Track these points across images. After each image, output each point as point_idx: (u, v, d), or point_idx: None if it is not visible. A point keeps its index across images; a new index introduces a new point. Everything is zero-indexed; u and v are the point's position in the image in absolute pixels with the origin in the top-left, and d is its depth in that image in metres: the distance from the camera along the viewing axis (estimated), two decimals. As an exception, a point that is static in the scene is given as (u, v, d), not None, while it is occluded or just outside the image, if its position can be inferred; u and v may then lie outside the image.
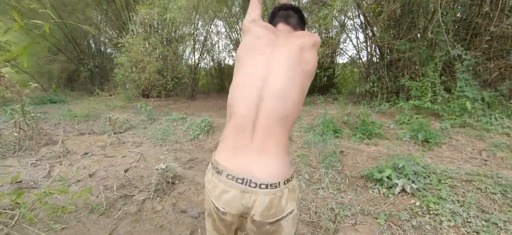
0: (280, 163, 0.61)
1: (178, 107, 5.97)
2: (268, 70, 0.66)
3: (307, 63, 0.71)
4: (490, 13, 3.26)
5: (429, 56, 3.56)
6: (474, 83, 3.16)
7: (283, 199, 0.59)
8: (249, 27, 0.81)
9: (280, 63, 0.67)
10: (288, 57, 0.69)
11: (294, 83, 0.66)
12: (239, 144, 0.62)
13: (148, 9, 5.84)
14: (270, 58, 0.68)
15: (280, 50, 0.70)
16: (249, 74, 0.68)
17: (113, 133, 3.81)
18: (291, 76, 0.66)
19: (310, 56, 0.72)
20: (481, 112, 2.97)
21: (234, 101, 0.67)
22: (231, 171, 0.59)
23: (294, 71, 0.67)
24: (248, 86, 0.66)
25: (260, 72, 0.67)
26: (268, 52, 0.70)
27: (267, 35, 0.76)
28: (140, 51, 6.06)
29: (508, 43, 3.43)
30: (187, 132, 3.62)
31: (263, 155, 0.60)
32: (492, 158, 2.18)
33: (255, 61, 0.69)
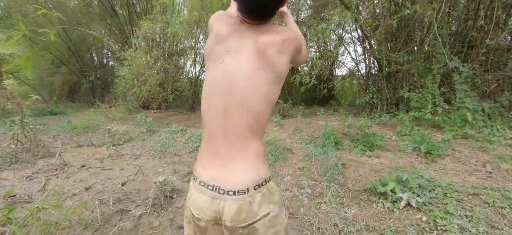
0: (250, 169, 0.61)
1: (178, 119, 5.96)
2: (229, 81, 0.62)
3: (273, 67, 0.63)
4: (485, 27, 3.33)
5: (427, 68, 3.59)
6: (473, 94, 3.17)
7: (254, 204, 0.59)
8: (211, 25, 0.73)
9: (240, 72, 0.62)
10: (249, 65, 0.62)
11: (257, 93, 0.62)
12: (211, 152, 0.64)
13: (150, 23, 5.98)
14: (230, 67, 0.63)
15: (241, 57, 0.63)
16: (212, 86, 0.66)
17: (112, 145, 3.77)
18: (253, 87, 0.62)
19: (278, 59, 0.64)
20: (482, 124, 2.95)
21: (203, 111, 0.68)
22: (203, 178, 0.63)
23: (257, 79, 0.62)
24: (212, 98, 0.65)
25: (221, 85, 0.63)
26: (227, 60, 0.64)
27: (226, 38, 0.67)
28: (141, 64, 6.13)
29: (505, 55, 3.48)
30: (186, 144, 3.58)
31: (232, 163, 0.61)
32: (497, 170, 2.14)
33: (216, 71, 0.65)
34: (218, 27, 0.70)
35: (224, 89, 0.63)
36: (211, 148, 0.64)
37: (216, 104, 0.64)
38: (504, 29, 3.48)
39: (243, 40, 0.65)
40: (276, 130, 3.76)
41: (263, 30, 0.66)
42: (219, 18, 0.73)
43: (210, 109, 0.65)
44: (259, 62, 0.62)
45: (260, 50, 0.63)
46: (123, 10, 7.80)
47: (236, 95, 0.61)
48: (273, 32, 0.66)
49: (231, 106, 0.62)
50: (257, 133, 0.64)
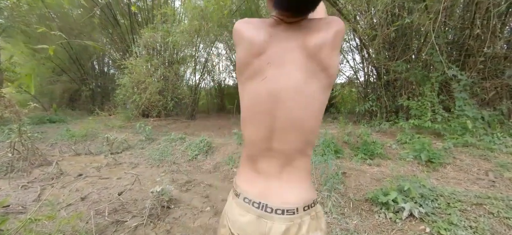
0: (299, 188, 0.57)
1: (178, 127, 5.94)
2: (276, 99, 0.54)
3: (325, 71, 0.53)
4: (482, 36, 3.36)
5: (425, 76, 3.61)
6: (472, 102, 3.17)
7: (303, 227, 0.54)
8: (239, 35, 0.59)
9: (289, 85, 0.53)
10: (299, 74, 0.53)
11: (309, 108, 0.54)
12: (256, 170, 0.60)
13: (151, 32, 6.06)
14: (276, 82, 0.54)
15: (288, 67, 0.53)
16: (255, 107, 0.57)
17: (110, 153, 3.74)
18: (305, 101, 0.53)
19: (328, 59, 0.52)
20: (483, 132, 2.94)
21: (246, 134, 0.61)
22: (248, 195, 0.57)
23: (309, 90, 0.53)
24: (256, 120, 0.57)
25: (266, 104, 0.55)
26: (271, 73, 0.54)
27: (265, 46, 0.55)
28: (142, 72, 6.16)
29: (502, 63, 3.50)
30: (185, 152, 3.55)
31: (280, 180, 0.57)
32: (499, 178, 2.11)
33: (258, 89, 0.56)
34: (250, 35, 0.57)
35: (271, 108, 0.54)
36: (256, 166, 0.59)
37: (262, 126, 0.57)
38: (500, 38, 3.52)
39: (286, 46, 0.54)
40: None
41: (308, 28, 0.55)
42: (248, 24, 0.60)
43: (254, 131, 0.59)
44: (310, 69, 0.53)
45: (311, 54, 0.53)
46: (125, 20, 7.92)
47: (285, 114, 0.54)
48: (321, 28, 0.54)
49: (280, 127, 0.55)
50: (307, 150, 0.58)
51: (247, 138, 0.61)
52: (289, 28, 0.56)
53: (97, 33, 9.16)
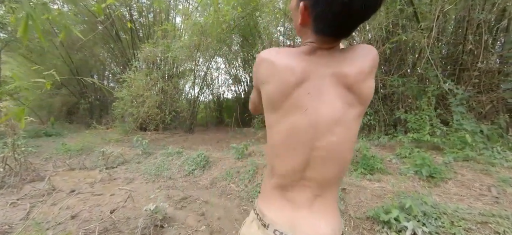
0: (330, 219, 0.56)
1: (176, 141, 5.88)
2: (315, 131, 0.53)
3: (360, 100, 0.53)
4: (474, 51, 3.43)
5: (421, 90, 3.63)
6: (470, 116, 3.17)
7: None
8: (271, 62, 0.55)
9: (328, 117, 0.52)
10: (339, 106, 0.52)
11: (347, 140, 0.53)
12: (286, 198, 0.58)
13: (151, 47, 6.16)
14: (316, 113, 0.52)
15: (327, 99, 0.52)
16: (291, 140, 0.55)
17: (105, 168, 3.66)
18: (343, 132, 0.53)
19: (365, 88, 0.52)
20: (482, 146, 2.91)
21: (279, 165, 0.58)
22: (279, 227, 0.55)
23: (347, 121, 0.52)
24: (291, 150, 0.55)
25: (305, 136, 0.53)
26: (311, 105, 0.52)
27: (302, 77, 0.53)
28: (141, 86, 6.20)
29: (496, 77, 3.55)
30: (182, 167, 3.48)
31: (312, 211, 0.56)
32: (503, 194, 2.06)
33: (297, 121, 0.53)
34: (286, 64, 0.53)
35: (310, 139, 0.53)
36: (287, 194, 0.58)
37: (299, 157, 0.55)
38: (493, 52, 3.59)
39: (324, 73, 0.53)
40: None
41: (344, 56, 0.54)
42: (279, 53, 0.56)
43: (289, 163, 0.56)
44: (348, 98, 0.52)
45: (349, 84, 0.52)
46: (126, 35, 8.08)
47: (325, 145, 0.53)
48: (358, 57, 0.53)
49: (318, 157, 0.54)
50: (339, 181, 0.58)
51: (279, 169, 0.58)
52: (326, 55, 0.55)
53: (98, 48, 9.31)
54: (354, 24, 0.52)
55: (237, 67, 8.77)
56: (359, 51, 0.54)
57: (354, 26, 0.53)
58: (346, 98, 0.52)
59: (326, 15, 0.50)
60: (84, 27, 8.42)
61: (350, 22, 0.51)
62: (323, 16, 0.51)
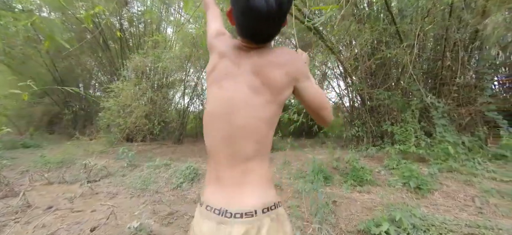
0: (258, 191, 0.60)
1: (163, 152, 5.71)
2: (229, 107, 0.62)
3: (271, 89, 0.62)
4: (452, 67, 3.65)
5: (406, 103, 3.78)
6: (451, 128, 3.31)
7: (263, 229, 0.55)
8: (212, 45, 0.74)
9: (239, 96, 0.61)
10: (247, 88, 0.62)
11: (258, 117, 0.61)
12: (218, 178, 0.62)
13: (142, 57, 6.07)
14: (229, 92, 0.63)
15: (239, 81, 0.63)
16: (212, 112, 0.65)
17: (87, 181, 3.47)
18: (253, 111, 0.61)
19: (275, 80, 0.62)
20: (464, 157, 3.03)
21: (206, 137, 0.67)
22: (210, 203, 0.60)
23: (256, 102, 0.61)
24: (214, 124, 0.65)
25: (221, 111, 0.63)
26: (226, 85, 0.64)
27: (226, 60, 0.66)
28: (129, 96, 6.04)
29: (473, 91, 3.76)
30: (169, 180, 3.36)
31: (239, 187, 0.60)
32: (486, 205, 2.13)
33: (215, 97, 0.65)
34: (220, 46, 0.71)
35: (225, 115, 0.62)
36: (218, 174, 0.63)
37: (218, 131, 0.63)
38: (469, 69, 3.83)
39: (241, 63, 0.64)
40: (265, 164, 3.65)
41: (262, 53, 0.65)
42: (220, 39, 0.74)
43: (213, 136, 0.65)
44: (256, 83, 0.62)
45: (256, 71, 0.62)
46: (116, 44, 7.94)
47: (237, 121, 0.61)
48: (272, 53, 0.65)
49: (234, 132, 0.61)
50: (263, 156, 0.63)
51: (208, 145, 0.66)
52: (248, 52, 0.66)
53: (85, 56, 9.06)
54: (267, 32, 0.64)
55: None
56: (276, 50, 0.66)
57: (268, 33, 0.64)
58: (253, 83, 0.62)
59: (239, 22, 0.63)
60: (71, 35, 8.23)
61: (261, 31, 0.62)
62: (238, 22, 0.64)
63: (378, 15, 3.97)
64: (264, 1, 0.54)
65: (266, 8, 0.55)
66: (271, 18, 0.58)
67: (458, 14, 3.36)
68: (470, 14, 3.31)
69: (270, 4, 0.55)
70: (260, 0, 0.54)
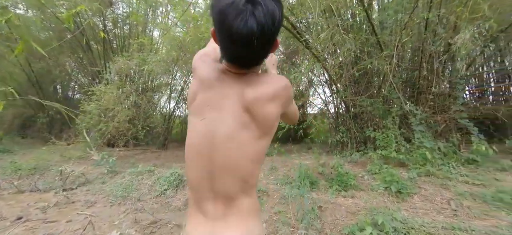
0: (243, 224, 0.57)
1: (147, 158, 5.51)
2: (211, 141, 0.56)
3: (260, 124, 0.56)
4: (428, 77, 3.89)
5: (387, 110, 3.96)
6: (428, 134, 3.51)
7: None
8: (195, 67, 0.67)
9: (223, 130, 0.56)
10: (233, 122, 0.56)
11: (243, 154, 0.56)
12: (201, 212, 0.59)
13: (126, 60, 5.88)
14: (212, 124, 0.57)
15: (225, 113, 0.57)
16: (194, 145, 0.60)
17: (62, 189, 3.26)
18: (238, 147, 0.55)
19: (266, 114, 0.57)
20: (440, 162, 3.21)
21: (187, 169, 0.63)
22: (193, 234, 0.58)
23: (242, 138, 0.56)
24: (195, 158, 0.60)
25: (203, 144, 0.57)
26: (209, 116, 0.57)
27: (209, 88, 0.60)
28: (111, 99, 5.80)
29: (447, 100, 4.03)
30: (153, 187, 3.24)
31: (225, 219, 0.57)
32: (460, 207, 2.25)
33: (197, 129, 0.59)
34: (201, 72, 0.64)
35: (207, 149, 0.57)
36: (201, 208, 0.59)
37: (200, 165, 0.59)
38: (443, 79, 4.10)
39: (227, 94, 0.58)
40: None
41: (249, 82, 0.59)
42: (203, 62, 0.66)
43: (194, 170, 0.60)
44: (244, 119, 0.56)
45: (245, 106, 0.56)
46: (98, 45, 7.63)
47: (220, 156, 0.56)
48: (262, 83, 0.59)
49: (216, 168, 0.57)
50: (248, 191, 0.59)
51: (189, 179, 0.62)
52: (234, 79, 0.60)
53: (65, 57, 8.60)
54: (248, 58, 0.57)
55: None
56: (265, 79, 0.60)
57: (249, 59, 0.58)
58: (241, 118, 0.56)
59: (221, 45, 0.57)
60: (49, 34, 7.80)
61: (241, 55, 0.56)
62: (222, 46, 0.58)
63: (361, 26, 4.15)
64: (243, 24, 0.48)
65: (245, 32, 0.48)
66: (252, 43, 0.50)
67: (433, 28, 3.61)
68: (443, 29, 3.56)
69: (250, 27, 0.48)
70: (239, 23, 0.48)
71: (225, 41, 0.54)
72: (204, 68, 0.64)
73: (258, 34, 0.49)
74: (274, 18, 0.50)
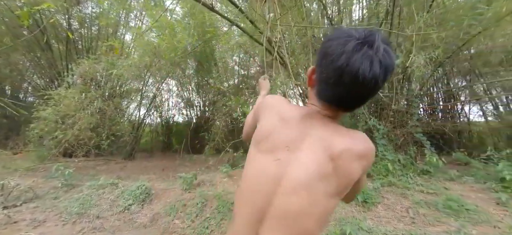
0: None
1: (110, 169, 5.06)
2: (277, 184, 0.50)
3: (338, 178, 0.50)
4: (389, 94, 4.30)
5: (354, 124, 4.25)
6: (390, 147, 3.83)
7: None
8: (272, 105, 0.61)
9: (298, 176, 0.49)
10: (313, 168, 0.50)
11: (310, 206, 0.49)
12: None
13: (92, 63, 5.45)
14: (286, 166, 0.51)
15: (304, 156, 0.51)
16: (253, 181, 0.54)
17: (3, 207, 2.80)
18: (307, 198, 0.49)
19: (349, 168, 0.51)
20: (400, 173, 3.51)
21: (236, 209, 0.56)
22: None
23: (317, 189, 0.49)
24: (250, 200, 0.53)
25: (266, 184, 0.51)
26: (284, 156, 0.52)
27: (290, 127, 0.54)
28: (72, 105, 5.27)
29: (405, 116, 4.48)
30: (115, 202, 2.96)
31: None
32: (417, 215, 2.46)
33: (264, 168, 0.53)
34: (284, 109, 0.58)
35: (270, 192, 0.50)
36: None
37: (254, 206, 0.51)
38: (402, 97, 4.57)
39: (311, 135, 0.53)
40: (225, 181, 3.56)
41: (339, 131, 0.54)
42: (283, 101, 0.62)
43: (242, 210, 0.53)
44: (326, 169, 0.50)
45: (331, 155, 0.51)
46: (60, 45, 6.97)
47: (281, 203, 0.49)
48: (352, 138, 0.54)
49: (271, 218, 0.49)
50: None
51: (236, 213, 0.56)
52: (322, 120, 0.56)
53: (18, 55, 7.65)
54: (355, 100, 0.54)
55: (190, 91, 8.52)
56: (356, 135, 0.56)
57: (355, 102, 0.55)
58: (323, 167, 0.50)
59: (330, 84, 0.52)
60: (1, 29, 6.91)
61: (350, 97, 0.53)
62: (323, 84, 0.54)
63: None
64: (368, 67, 0.47)
65: (370, 76, 0.47)
66: (372, 88, 0.49)
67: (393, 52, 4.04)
68: (401, 53, 4.00)
69: (375, 72, 0.47)
70: (365, 66, 0.47)
71: (339, 83, 0.50)
72: (286, 106, 0.60)
73: (381, 78, 0.49)
74: (393, 64, 0.51)
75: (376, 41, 0.49)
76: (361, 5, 5.06)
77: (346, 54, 0.48)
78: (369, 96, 0.54)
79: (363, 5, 5.02)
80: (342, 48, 0.49)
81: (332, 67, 0.50)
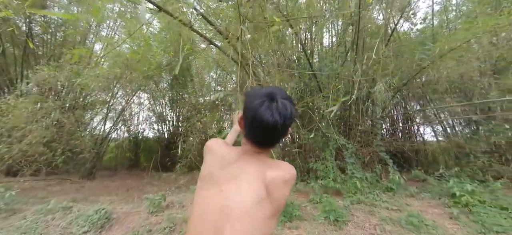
0: None
1: (64, 190, 4.48)
2: (225, 217, 0.60)
3: (274, 203, 0.64)
4: (356, 116, 4.64)
5: (325, 143, 4.44)
6: (358, 165, 4.05)
7: None
8: (212, 148, 0.77)
9: (241, 203, 0.61)
10: (251, 196, 0.62)
11: (255, 229, 0.60)
12: None
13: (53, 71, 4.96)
14: (229, 196, 0.62)
15: (244, 187, 0.64)
16: (203, 220, 0.62)
17: None
18: (252, 222, 0.60)
19: (279, 194, 0.66)
20: (368, 190, 3.70)
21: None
22: None
23: (257, 212, 0.61)
24: (203, 228, 0.62)
25: (214, 219, 0.60)
26: (227, 189, 0.64)
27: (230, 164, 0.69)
28: (22, 116, 4.66)
29: (371, 135, 4.83)
30: (67, 229, 2.59)
31: None
32: (383, 232, 2.58)
33: (212, 198, 0.64)
34: (223, 150, 0.74)
35: (219, 225, 0.59)
36: None
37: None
38: (367, 118, 4.96)
39: (248, 169, 0.67)
40: (197, 202, 3.37)
41: (269, 164, 0.71)
42: (223, 143, 0.78)
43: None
44: (262, 195, 0.62)
45: (266, 184, 0.64)
46: (16, 49, 6.26)
47: (232, 231, 0.58)
48: (280, 168, 0.71)
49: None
50: None
51: None
52: (254, 157, 0.71)
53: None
54: (271, 140, 0.72)
55: (164, 105, 8.18)
56: (283, 165, 0.73)
57: (272, 141, 0.72)
58: (259, 193, 0.62)
59: (248, 130, 0.71)
60: None
61: (265, 138, 0.70)
62: (250, 132, 0.72)
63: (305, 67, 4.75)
64: (270, 116, 0.65)
65: (272, 122, 0.65)
66: (276, 130, 0.67)
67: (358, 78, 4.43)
68: (365, 81, 4.40)
69: (275, 119, 0.65)
70: (267, 115, 0.65)
71: (252, 127, 0.70)
72: (225, 148, 0.75)
73: (281, 124, 0.66)
74: (291, 113, 0.69)
75: (276, 96, 0.68)
76: (331, 34, 5.52)
77: (255, 108, 0.67)
78: (280, 136, 0.72)
79: (332, 33, 5.49)
80: (253, 104, 0.68)
81: (249, 117, 0.70)
